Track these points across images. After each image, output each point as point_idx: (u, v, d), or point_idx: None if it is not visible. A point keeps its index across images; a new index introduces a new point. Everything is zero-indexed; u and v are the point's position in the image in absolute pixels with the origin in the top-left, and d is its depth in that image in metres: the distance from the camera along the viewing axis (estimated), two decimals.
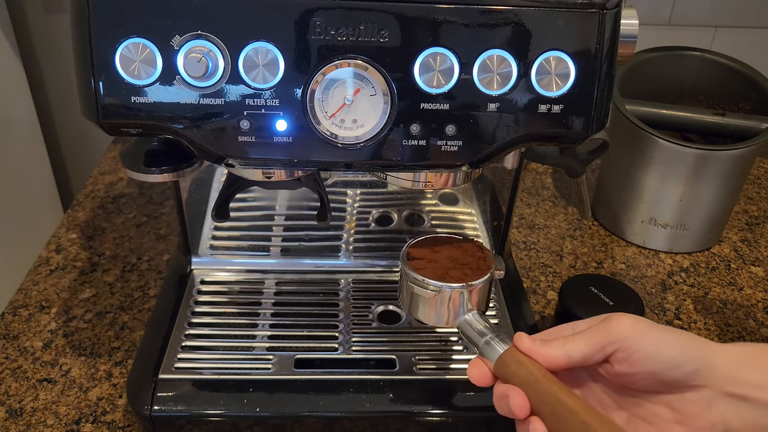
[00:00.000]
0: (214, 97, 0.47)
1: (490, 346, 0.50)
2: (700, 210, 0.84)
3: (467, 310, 0.54)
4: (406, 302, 0.57)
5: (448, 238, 0.59)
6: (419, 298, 0.55)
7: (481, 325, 0.53)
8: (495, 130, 0.49)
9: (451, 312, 0.55)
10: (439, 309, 0.55)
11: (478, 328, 0.53)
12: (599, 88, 0.48)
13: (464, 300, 0.54)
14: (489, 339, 0.51)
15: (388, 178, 0.57)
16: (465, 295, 0.54)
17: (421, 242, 0.59)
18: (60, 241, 0.86)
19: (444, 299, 0.54)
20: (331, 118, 0.48)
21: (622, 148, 0.84)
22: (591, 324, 0.48)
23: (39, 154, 1.11)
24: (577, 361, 0.48)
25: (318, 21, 0.46)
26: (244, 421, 0.59)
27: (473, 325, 0.53)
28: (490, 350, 0.50)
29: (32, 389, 0.67)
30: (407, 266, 0.56)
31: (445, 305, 0.54)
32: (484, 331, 0.52)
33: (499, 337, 0.51)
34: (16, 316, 0.75)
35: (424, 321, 0.56)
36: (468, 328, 0.54)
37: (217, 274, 0.73)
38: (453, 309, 0.54)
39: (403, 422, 0.60)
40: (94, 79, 0.47)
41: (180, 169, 0.57)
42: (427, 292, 0.54)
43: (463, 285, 0.54)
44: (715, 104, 0.90)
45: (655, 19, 1.06)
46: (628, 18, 0.49)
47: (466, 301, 0.54)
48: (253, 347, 0.64)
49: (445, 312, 0.55)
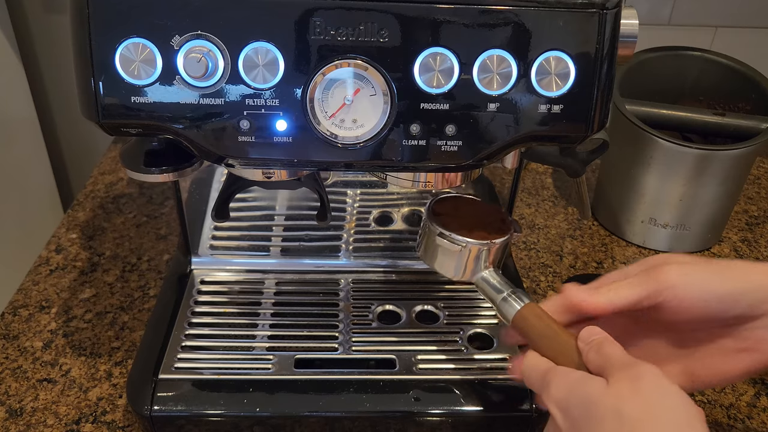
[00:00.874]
0: (214, 97, 0.47)
1: (507, 302, 0.53)
2: (700, 210, 0.84)
3: (485, 266, 0.57)
4: (428, 254, 0.59)
5: (470, 200, 0.62)
6: (442, 250, 0.57)
7: (497, 281, 0.56)
8: (495, 130, 0.49)
9: (470, 267, 0.57)
10: (459, 263, 0.57)
11: (494, 285, 0.56)
12: (599, 88, 0.48)
13: (483, 257, 0.57)
14: (507, 295, 0.54)
15: (388, 178, 0.57)
16: (485, 252, 0.57)
17: (445, 200, 0.61)
18: (60, 241, 0.86)
19: (467, 254, 0.56)
20: (331, 118, 0.48)
21: (622, 148, 0.84)
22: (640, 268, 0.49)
23: (39, 154, 1.11)
24: (622, 306, 0.48)
25: (318, 21, 0.46)
26: (244, 421, 0.59)
27: (490, 281, 0.56)
28: (507, 306, 0.53)
29: (32, 389, 0.67)
30: (434, 219, 0.58)
31: (465, 259, 0.57)
32: (500, 288, 0.55)
33: (516, 294, 0.54)
34: (16, 316, 0.75)
35: (443, 273, 0.59)
36: (485, 284, 0.57)
37: (217, 274, 0.73)
38: (473, 264, 0.57)
39: (403, 422, 0.60)
40: (94, 79, 0.47)
41: (180, 169, 0.57)
42: (453, 246, 0.56)
43: (486, 242, 0.56)
44: (715, 104, 0.90)
45: (655, 19, 1.06)
46: (628, 18, 0.49)
47: (485, 259, 0.57)
48: (253, 347, 0.64)
49: (464, 266, 0.57)
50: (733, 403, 0.68)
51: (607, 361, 0.44)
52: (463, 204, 0.61)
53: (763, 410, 0.67)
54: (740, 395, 0.69)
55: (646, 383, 0.42)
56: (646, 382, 0.42)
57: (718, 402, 0.68)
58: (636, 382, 0.42)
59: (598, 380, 0.43)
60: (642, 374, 0.42)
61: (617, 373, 0.43)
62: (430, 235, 0.58)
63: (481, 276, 0.57)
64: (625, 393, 0.42)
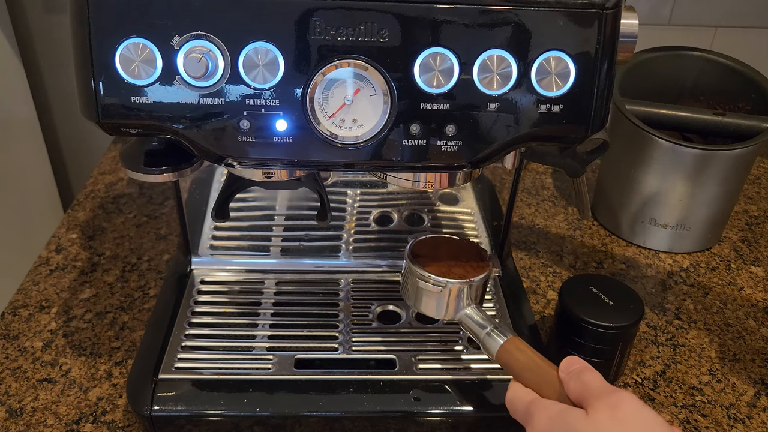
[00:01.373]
0: (214, 97, 0.47)
1: (491, 337, 0.56)
2: (700, 210, 0.84)
3: (467, 304, 0.59)
4: (411, 296, 0.61)
5: (448, 238, 0.63)
6: (424, 292, 0.59)
7: (480, 317, 0.58)
8: (495, 130, 0.49)
9: (452, 306, 0.59)
10: (442, 303, 0.59)
11: (478, 321, 0.58)
12: (599, 88, 0.48)
13: (465, 295, 0.59)
14: (490, 330, 0.56)
15: (388, 178, 0.57)
16: (465, 290, 0.58)
17: (424, 241, 0.63)
18: (60, 241, 0.86)
19: (447, 294, 0.58)
20: (331, 118, 0.48)
21: (622, 148, 0.84)
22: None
23: (39, 154, 1.11)
24: None
25: (318, 21, 0.46)
26: (244, 421, 0.59)
27: (473, 317, 0.58)
28: (491, 341, 0.55)
29: (32, 389, 0.67)
30: (413, 263, 0.59)
31: (446, 299, 0.59)
32: (484, 323, 0.57)
33: (499, 329, 0.56)
34: (16, 316, 0.75)
35: (428, 314, 0.61)
36: (469, 320, 0.58)
37: (217, 274, 0.73)
38: (454, 303, 0.59)
39: (403, 422, 0.60)
40: (94, 79, 0.47)
41: (180, 169, 0.57)
42: (432, 287, 0.58)
43: (465, 281, 0.58)
44: (715, 104, 0.90)
45: (655, 19, 1.06)
46: (628, 18, 0.49)
47: (467, 296, 0.58)
48: (253, 347, 0.64)
49: (445, 305, 0.59)
50: (733, 403, 0.68)
51: (587, 390, 0.47)
52: (442, 243, 0.63)
53: (763, 410, 0.68)
54: (740, 395, 0.69)
55: (624, 410, 0.44)
56: (624, 409, 0.44)
57: (718, 402, 0.68)
58: (614, 410, 0.44)
59: (578, 411, 0.46)
60: (620, 402, 0.45)
61: (596, 402, 0.45)
62: (411, 277, 0.60)
63: (464, 313, 0.59)
64: (605, 421, 0.44)
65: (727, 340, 0.75)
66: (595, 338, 0.66)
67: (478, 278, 0.58)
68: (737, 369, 0.72)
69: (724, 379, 0.71)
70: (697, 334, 0.76)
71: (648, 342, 0.75)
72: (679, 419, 0.66)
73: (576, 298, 0.66)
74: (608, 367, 0.66)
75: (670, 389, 0.69)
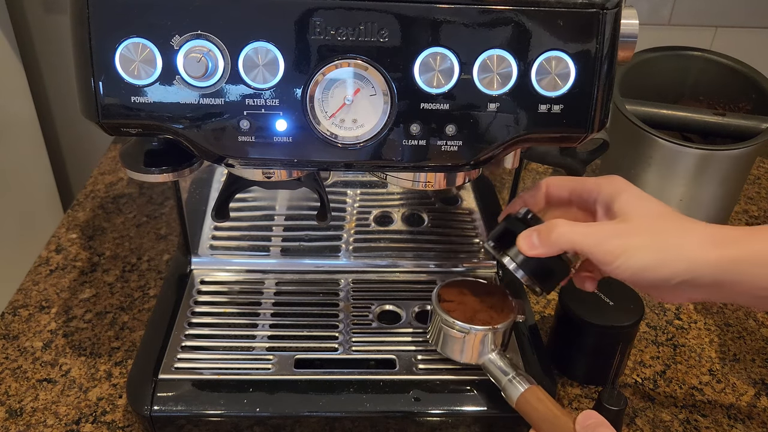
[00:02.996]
0: (214, 97, 0.47)
1: (512, 384, 0.56)
2: (700, 210, 0.84)
3: (491, 349, 0.59)
4: (436, 339, 0.62)
5: (475, 282, 0.64)
6: (449, 337, 0.60)
7: (503, 363, 0.59)
8: (495, 130, 0.49)
9: (476, 351, 0.60)
10: (465, 347, 0.60)
11: (500, 367, 0.58)
12: (599, 88, 0.48)
13: (488, 341, 0.59)
14: (511, 378, 0.57)
15: (388, 178, 0.57)
16: (489, 336, 0.59)
17: (451, 284, 0.63)
18: (60, 241, 0.86)
19: (471, 340, 0.59)
20: (331, 118, 0.48)
21: (622, 148, 0.84)
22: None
23: (39, 154, 1.11)
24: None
25: (318, 21, 0.46)
26: (244, 421, 0.59)
27: (496, 363, 0.59)
28: (512, 388, 0.56)
29: (32, 389, 0.67)
30: (439, 308, 0.60)
31: (471, 345, 0.60)
32: (507, 369, 0.58)
33: (520, 376, 0.57)
34: (16, 316, 0.75)
35: (452, 357, 0.61)
36: (491, 366, 0.59)
37: (217, 274, 0.73)
38: (478, 348, 0.60)
39: (403, 422, 0.60)
40: (94, 79, 0.47)
41: (180, 169, 0.57)
42: (457, 333, 0.59)
43: (489, 328, 0.59)
44: (715, 104, 0.90)
45: (655, 19, 1.06)
46: (628, 18, 0.49)
47: (490, 342, 0.59)
48: (253, 347, 0.64)
49: (470, 350, 0.60)
50: (733, 403, 0.68)
51: None
52: (469, 287, 0.63)
53: (763, 410, 0.67)
54: (740, 395, 0.69)
55: None
56: None
57: (718, 402, 0.68)
58: None
59: None
60: None
61: None
62: (438, 322, 0.61)
63: (488, 358, 0.59)
64: None
65: (727, 340, 0.75)
66: (595, 338, 0.66)
67: (501, 325, 0.59)
68: (737, 369, 0.72)
69: (724, 379, 0.71)
70: (697, 334, 0.76)
71: (648, 342, 0.75)
72: (679, 419, 0.66)
73: (576, 298, 0.66)
74: (608, 367, 0.66)
75: (670, 389, 0.69)
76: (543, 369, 0.63)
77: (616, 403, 0.60)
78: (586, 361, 0.68)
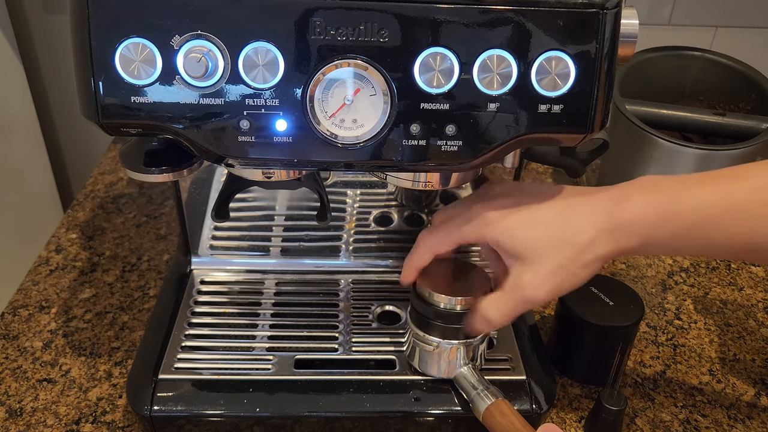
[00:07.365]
0: (214, 97, 0.47)
1: (479, 398, 0.57)
2: None
3: (463, 363, 0.60)
4: (412, 356, 0.62)
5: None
6: (421, 352, 0.60)
7: (474, 378, 0.59)
8: (495, 130, 0.49)
9: (449, 365, 0.60)
10: (438, 361, 0.60)
11: (471, 382, 0.59)
12: (599, 88, 0.48)
13: (461, 355, 0.59)
14: (479, 392, 0.57)
15: (388, 178, 0.57)
16: (462, 350, 0.59)
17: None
18: (60, 241, 0.86)
19: (444, 353, 0.59)
20: (331, 118, 0.48)
21: (622, 148, 0.84)
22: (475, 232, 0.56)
23: (39, 154, 1.11)
24: None
25: (318, 21, 0.46)
26: (244, 421, 0.59)
27: (468, 377, 0.59)
28: (479, 401, 0.57)
29: (32, 389, 0.67)
30: (413, 325, 0.60)
31: (443, 358, 0.60)
32: (476, 384, 0.58)
33: (488, 390, 0.57)
34: (16, 316, 0.75)
35: (426, 372, 0.61)
36: (463, 380, 0.59)
37: (217, 274, 0.73)
38: (451, 362, 0.60)
39: (403, 422, 0.60)
40: (93, 79, 0.46)
41: (180, 169, 0.57)
42: (428, 347, 0.59)
43: (461, 342, 0.59)
44: (715, 104, 0.90)
45: (655, 19, 1.06)
46: (628, 18, 0.49)
47: (463, 356, 0.60)
48: (252, 347, 0.64)
49: (443, 364, 0.60)
50: (733, 403, 0.68)
51: None
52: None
53: (763, 410, 0.67)
54: (740, 395, 0.69)
55: None
56: None
57: (718, 402, 0.68)
58: None
59: None
60: None
61: None
62: (411, 337, 0.61)
63: (460, 372, 0.60)
64: None
65: (727, 340, 0.75)
66: (595, 338, 0.66)
67: (474, 340, 0.59)
68: (737, 369, 0.72)
69: (724, 379, 0.71)
70: (697, 334, 0.76)
71: (648, 342, 0.75)
72: (679, 419, 0.66)
73: (576, 298, 0.66)
74: (608, 367, 0.66)
75: (670, 389, 0.69)
76: (543, 369, 0.63)
77: (616, 403, 0.60)
78: (586, 361, 0.68)
